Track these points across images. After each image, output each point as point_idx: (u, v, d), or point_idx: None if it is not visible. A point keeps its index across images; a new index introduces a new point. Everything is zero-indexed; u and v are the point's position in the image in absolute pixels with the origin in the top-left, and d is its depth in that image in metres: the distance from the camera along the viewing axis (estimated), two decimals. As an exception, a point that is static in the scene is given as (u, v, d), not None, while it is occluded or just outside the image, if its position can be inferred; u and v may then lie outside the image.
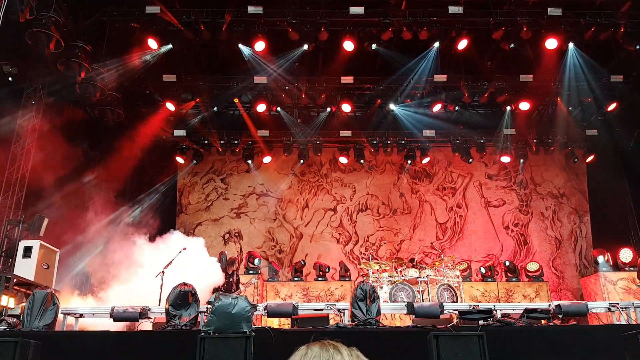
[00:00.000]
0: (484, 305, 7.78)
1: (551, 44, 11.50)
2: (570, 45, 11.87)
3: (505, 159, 14.99)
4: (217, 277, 9.78)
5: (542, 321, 6.84)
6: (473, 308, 7.30)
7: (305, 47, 11.75)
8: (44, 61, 10.57)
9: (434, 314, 7.05)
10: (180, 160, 14.89)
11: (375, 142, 14.64)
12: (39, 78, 11.08)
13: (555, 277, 14.22)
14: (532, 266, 13.05)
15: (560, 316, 7.39)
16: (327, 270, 12.83)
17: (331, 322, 7.84)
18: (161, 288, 9.02)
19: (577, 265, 14.66)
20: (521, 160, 14.93)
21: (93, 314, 7.63)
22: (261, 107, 13.64)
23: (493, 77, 13.04)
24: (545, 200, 15.39)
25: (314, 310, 7.86)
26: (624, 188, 14.78)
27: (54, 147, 10.63)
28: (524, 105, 13.48)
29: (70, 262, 11.83)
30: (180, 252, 9.88)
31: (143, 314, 7.04)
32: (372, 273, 11.57)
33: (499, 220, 15.22)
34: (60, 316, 6.90)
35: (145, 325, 7.38)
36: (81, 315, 7.57)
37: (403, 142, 14.66)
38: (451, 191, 15.58)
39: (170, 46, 11.67)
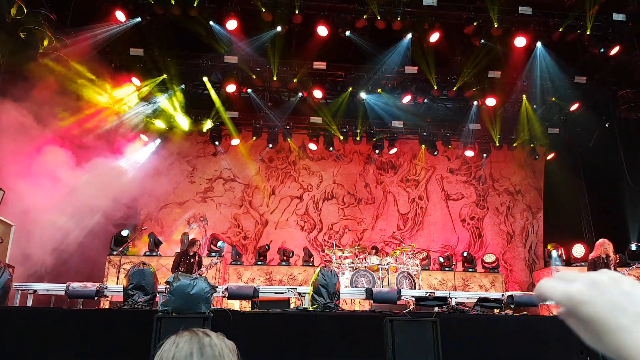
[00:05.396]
0: (440, 293, 7.99)
1: (520, 42, 11.73)
2: (538, 44, 12.15)
3: (469, 153, 15.29)
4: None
5: (495, 310, 7.06)
6: (429, 295, 7.48)
7: (279, 29, 11.62)
8: (4, 28, 10.09)
9: (392, 300, 7.20)
10: (144, 138, 14.49)
11: (345, 130, 14.66)
12: (-2, 45, 10.60)
13: (504, 270, 14.63)
14: (489, 258, 13.43)
15: (513, 306, 7.65)
16: (290, 255, 12.87)
17: (292, 305, 7.90)
18: (118, 268, 8.92)
19: (526, 259, 15.13)
20: (484, 155, 15.23)
21: (47, 291, 7.47)
22: (231, 88, 13.37)
23: (462, 71, 13.21)
24: (500, 196, 15.79)
25: (275, 293, 7.91)
26: (581, 186, 15.28)
27: (12, 119, 10.20)
28: (490, 101, 13.71)
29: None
30: (141, 231, 9.78)
31: (100, 292, 6.94)
32: (335, 259, 11.69)
33: (457, 213, 15.55)
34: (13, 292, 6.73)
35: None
36: (35, 292, 7.41)
37: (372, 131, 14.72)
38: (414, 183, 15.80)
39: (138, 19, 11.35)
